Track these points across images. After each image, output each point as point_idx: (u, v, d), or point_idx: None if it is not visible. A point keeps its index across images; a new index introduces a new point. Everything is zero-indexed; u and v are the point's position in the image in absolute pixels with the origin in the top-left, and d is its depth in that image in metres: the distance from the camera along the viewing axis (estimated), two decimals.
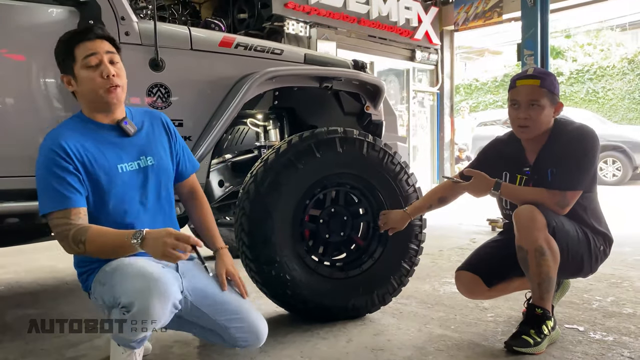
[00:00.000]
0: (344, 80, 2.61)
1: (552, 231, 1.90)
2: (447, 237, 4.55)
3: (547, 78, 2.01)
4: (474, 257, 2.23)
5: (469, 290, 2.21)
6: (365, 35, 8.01)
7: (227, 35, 2.40)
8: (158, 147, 1.78)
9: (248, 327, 1.74)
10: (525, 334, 1.93)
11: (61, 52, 1.66)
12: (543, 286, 1.92)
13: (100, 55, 1.63)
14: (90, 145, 1.62)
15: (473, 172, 2.10)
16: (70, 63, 1.64)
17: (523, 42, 5.57)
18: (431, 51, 9.15)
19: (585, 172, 1.97)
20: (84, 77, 1.63)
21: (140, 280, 1.45)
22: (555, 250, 1.90)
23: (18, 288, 3.09)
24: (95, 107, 1.67)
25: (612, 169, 10.32)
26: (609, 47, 16.40)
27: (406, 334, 2.18)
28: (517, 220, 1.95)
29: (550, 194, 1.96)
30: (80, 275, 1.71)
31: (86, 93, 1.64)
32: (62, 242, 1.53)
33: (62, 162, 1.55)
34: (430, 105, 9.75)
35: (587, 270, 2.08)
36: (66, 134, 1.60)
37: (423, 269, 3.20)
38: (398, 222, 2.31)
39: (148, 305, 1.43)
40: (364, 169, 2.34)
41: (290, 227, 2.23)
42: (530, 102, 2.00)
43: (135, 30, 2.16)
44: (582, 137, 2.00)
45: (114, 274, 1.53)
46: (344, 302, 2.30)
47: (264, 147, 2.70)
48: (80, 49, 1.63)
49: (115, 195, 1.63)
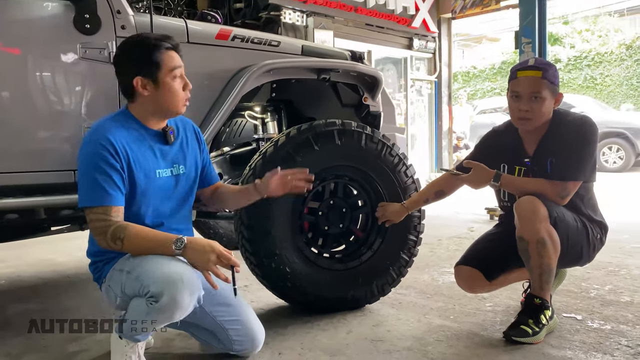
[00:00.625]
0: (342, 72, 2.60)
1: (554, 222, 1.91)
2: (446, 227, 4.57)
3: (548, 69, 2.00)
4: (472, 251, 2.23)
5: (469, 285, 2.21)
6: (362, 23, 7.95)
7: (224, 28, 2.39)
8: (190, 156, 1.82)
9: (245, 331, 1.78)
10: (524, 323, 1.94)
11: (143, 54, 1.64)
12: (544, 277, 1.93)
13: (182, 68, 1.69)
14: (135, 146, 1.65)
15: (472, 164, 2.10)
16: (153, 69, 1.63)
17: (521, 30, 5.55)
18: (429, 39, 9.10)
19: (585, 162, 1.97)
20: (169, 87, 1.65)
21: (172, 271, 1.49)
22: (557, 241, 1.91)
23: (19, 282, 3.10)
24: (159, 114, 1.70)
25: (615, 155, 10.30)
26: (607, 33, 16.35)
27: (406, 324, 2.20)
28: (518, 211, 1.95)
29: (551, 185, 1.97)
30: (93, 264, 1.73)
31: (163, 100, 1.66)
32: (97, 237, 1.57)
33: (110, 158, 1.57)
34: (428, 94, 9.72)
35: (585, 259, 2.10)
36: (115, 131, 1.61)
37: (422, 258, 3.21)
38: (395, 215, 2.32)
39: (179, 296, 1.47)
40: (363, 160, 2.35)
41: (289, 220, 2.23)
42: (532, 94, 1.98)
43: (131, 23, 2.15)
44: (582, 127, 2.00)
45: (142, 263, 1.55)
46: (343, 294, 2.32)
47: (262, 140, 2.69)
48: (168, 57, 1.65)
49: (148, 197, 1.67)
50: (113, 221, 1.55)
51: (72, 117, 2.08)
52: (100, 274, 1.71)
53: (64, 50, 2.04)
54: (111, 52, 2.08)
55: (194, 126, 1.92)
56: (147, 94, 1.66)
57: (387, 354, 1.89)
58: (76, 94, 2.08)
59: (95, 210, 1.56)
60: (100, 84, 2.11)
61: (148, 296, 1.50)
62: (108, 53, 2.08)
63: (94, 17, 2.07)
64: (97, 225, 1.56)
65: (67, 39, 2.03)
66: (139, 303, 1.54)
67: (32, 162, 2.01)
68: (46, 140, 2.05)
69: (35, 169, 2.01)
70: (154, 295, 1.48)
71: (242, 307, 1.83)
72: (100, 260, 1.71)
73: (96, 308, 2.47)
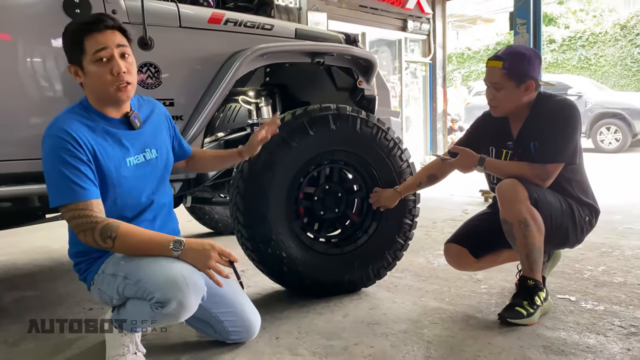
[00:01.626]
0: (336, 56, 2.58)
1: (534, 203, 1.94)
2: (440, 209, 4.58)
3: (510, 59, 2.02)
4: (461, 230, 2.29)
5: (456, 262, 2.27)
6: (356, 5, 7.88)
7: (216, 12, 2.36)
8: (161, 139, 1.76)
9: (241, 321, 1.78)
10: (519, 305, 1.96)
11: (69, 42, 1.57)
12: (531, 257, 1.96)
13: (111, 49, 1.54)
14: (99, 137, 1.56)
15: (458, 149, 2.13)
16: (78, 55, 1.54)
17: (515, 11, 5.52)
18: (423, 21, 9.03)
19: (565, 144, 1.99)
20: (94, 72, 1.54)
21: (176, 274, 1.44)
22: (539, 221, 1.94)
23: (14, 270, 3.10)
24: (104, 102, 1.61)
25: (611, 136, 10.33)
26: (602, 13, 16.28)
27: (401, 307, 2.22)
28: (499, 194, 2.00)
29: (531, 167, 2.00)
30: (77, 264, 1.68)
31: (95, 88, 1.57)
32: (83, 235, 1.48)
33: (75, 151, 1.48)
34: (423, 76, 9.67)
35: (572, 240, 2.12)
36: (74, 124, 1.53)
37: (417, 241, 3.22)
38: (389, 200, 2.33)
39: (186, 301, 1.44)
40: (358, 145, 2.34)
41: (284, 205, 2.23)
42: (492, 84, 2.06)
43: (122, 8, 2.11)
44: (562, 110, 2.02)
45: (139, 268, 1.49)
46: (339, 278, 2.33)
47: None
48: (90, 41, 1.53)
49: (122, 188, 1.59)
50: (99, 217, 1.47)
51: (63, 103, 2.03)
52: (86, 275, 1.65)
53: (54, 36, 2.01)
54: None
55: (160, 105, 1.84)
56: (80, 82, 1.59)
57: (384, 337, 1.91)
58: (67, 80, 2.04)
59: (74, 207, 1.47)
60: None
61: (154, 302, 1.46)
62: None
63: (84, 2, 2.03)
64: (80, 222, 1.47)
65: (57, 24, 2.00)
66: (142, 306, 1.50)
67: (24, 150, 1.99)
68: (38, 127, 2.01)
69: (28, 156, 1.99)
70: (160, 301, 1.44)
71: (237, 297, 1.82)
72: (84, 261, 1.65)
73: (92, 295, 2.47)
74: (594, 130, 10.50)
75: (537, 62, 2.05)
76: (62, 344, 1.93)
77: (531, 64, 2.03)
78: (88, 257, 1.64)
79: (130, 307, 1.56)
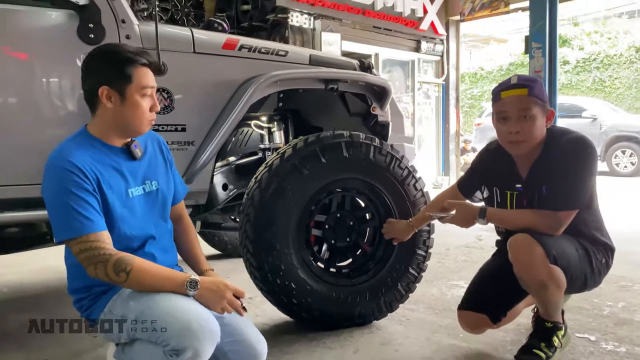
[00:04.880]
0: (350, 82, 2.55)
1: (554, 261, 1.79)
2: (453, 235, 4.48)
3: (534, 85, 1.84)
4: (474, 293, 2.07)
5: (472, 330, 2.06)
6: (370, 26, 7.89)
7: (231, 37, 2.35)
8: (160, 170, 1.70)
9: (246, 350, 1.68)
10: (536, 347, 1.88)
11: (114, 66, 1.52)
12: (551, 308, 1.87)
13: (154, 88, 1.58)
14: (102, 167, 1.51)
15: (454, 204, 2.00)
16: (123, 81, 1.51)
17: (531, 35, 5.47)
18: (437, 42, 9.03)
19: (580, 189, 1.81)
20: (136, 104, 1.52)
21: (191, 320, 1.39)
22: (559, 279, 1.80)
23: (21, 291, 3.07)
24: (120, 131, 1.57)
25: (627, 159, 10.16)
26: (617, 35, 16.19)
27: (414, 343, 2.15)
28: (512, 253, 1.83)
29: (542, 217, 1.83)
30: (78, 301, 1.60)
31: (126, 118, 1.53)
32: (93, 268, 1.41)
33: (81, 182, 1.43)
34: (436, 97, 9.65)
35: (591, 284, 1.98)
36: (76, 154, 1.47)
37: (430, 270, 3.12)
38: (402, 233, 2.27)
39: (202, 349, 1.38)
40: (371, 173, 2.29)
41: (295, 233, 2.19)
42: (521, 114, 1.83)
43: (136, 33, 2.11)
44: (577, 150, 1.82)
45: (150, 311, 1.43)
46: (350, 310, 2.27)
47: (268, 150, 2.65)
48: (140, 73, 1.53)
49: (124, 220, 1.55)
50: (111, 250, 1.42)
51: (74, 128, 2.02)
52: (90, 313, 1.58)
53: (68, 61, 2.00)
54: None
55: (161, 140, 1.78)
56: (110, 107, 1.52)
57: None
58: (80, 106, 2.04)
59: (85, 239, 1.41)
60: None
61: (169, 349, 1.39)
62: None
63: (98, 27, 2.03)
64: (91, 254, 1.40)
65: (71, 49, 2.00)
66: (154, 350, 1.43)
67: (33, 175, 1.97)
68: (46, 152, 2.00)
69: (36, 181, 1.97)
70: (175, 349, 1.39)
71: (241, 325, 1.72)
72: (86, 297, 1.57)
73: None
74: (608, 153, 10.36)
75: None
76: None
77: (545, 92, 1.90)
78: (91, 293, 1.57)
79: (139, 348, 1.48)
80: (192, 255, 1.79)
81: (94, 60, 1.55)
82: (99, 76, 1.52)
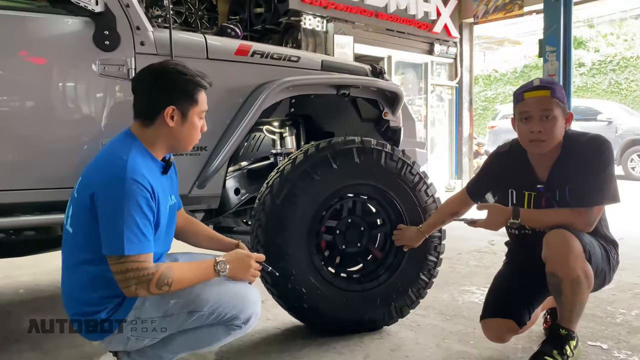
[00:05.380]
0: (362, 88, 2.56)
1: (588, 257, 1.81)
2: (465, 239, 4.48)
3: (556, 88, 1.91)
4: (497, 300, 2.05)
5: (499, 337, 2.03)
6: (383, 29, 7.89)
7: (244, 43, 2.36)
8: (175, 186, 1.78)
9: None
10: (548, 354, 1.87)
11: (188, 88, 1.59)
12: (574, 311, 1.85)
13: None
14: (156, 184, 1.54)
15: (486, 206, 2.01)
16: (188, 103, 1.59)
17: (545, 38, 5.44)
18: (450, 44, 9.00)
19: (608, 184, 1.86)
20: (194, 125, 1.62)
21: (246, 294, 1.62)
22: (591, 277, 1.81)
23: (37, 291, 3.12)
24: (170, 148, 1.64)
25: None
26: (633, 37, 16.00)
27: (424, 349, 2.14)
28: (550, 247, 1.84)
29: (577, 214, 1.87)
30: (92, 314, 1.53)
31: (182, 137, 1.62)
32: (136, 287, 1.43)
33: (151, 201, 1.47)
34: (449, 99, 9.61)
35: (607, 281, 2.02)
36: (144, 169, 1.50)
37: (441, 275, 3.11)
38: (412, 240, 2.27)
39: (259, 311, 1.66)
40: (382, 179, 2.30)
41: (306, 239, 2.20)
42: (543, 114, 1.88)
43: (150, 39, 2.14)
44: (599, 147, 1.89)
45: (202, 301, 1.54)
46: (360, 315, 2.27)
47: (280, 155, 2.67)
48: (203, 97, 1.64)
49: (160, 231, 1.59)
50: (153, 268, 1.45)
51: (90, 134, 2.08)
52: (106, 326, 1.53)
53: (84, 67, 2.04)
54: (130, 68, 2.08)
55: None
56: (171, 125, 1.57)
57: None
58: (95, 111, 2.08)
59: (136, 259, 1.42)
60: (119, 100, 2.10)
61: (239, 323, 1.60)
62: (127, 70, 2.08)
63: (114, 34, 2.07)
64: (137, 274, 1.42)
65: (86, 56, 2.03)
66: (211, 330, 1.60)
67: (49, 180, 2.01)
68: (64, 158, 2.04)
69: (53, 186, 2.01)
70: (244, 319, 1.60)
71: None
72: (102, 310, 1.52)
73: None
74: (624, 157, 10.25)
75: None
76: None
77: (565, 96, 1.95)
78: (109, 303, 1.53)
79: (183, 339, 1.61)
80: (215, 240, 1.92)
81: (164, 79, 1.59)
82: (167, 95, 1.57)
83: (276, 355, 2.09)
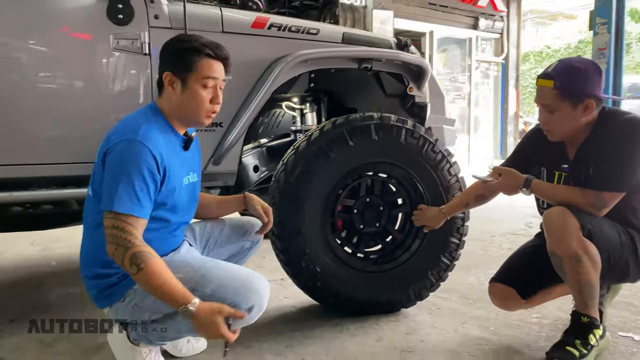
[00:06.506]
0: (385, 61, 2.45)
1: (588, 234, 1.70)
2: (500, 221, 4.32)
3: (563, 77, 1.75)
4: (507, 266, 2.05)
5: (502, 304, 2.04)
6: (425, 2, 7.65)
7: (261, 16, 2.30)
8: (197, 164, 1.77)
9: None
10: (570, 344, 1.76)
11: (180, 54, 1.59)
12: (584, 293, 1.74)
13: (219, 81, 1.62)
14: (169, 154, 1.56)
15: (502, 169, 1.94)
16: (186, 70, 1.58)
17: (596, 9, 5.12)
18: (496, 19, 8.64)
19: (629, 172, 1.73)
20: (195, 93, 1.59)
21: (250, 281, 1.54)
22: (594, 255, 1.70)
23: (69, 263, 3.21)
24: (181, 120, 1.64)
25: None
26: None
27: (441, 334, 2.07)
28: (546, 223, 1.77)
29: (584, 195, 1.75)
30: (104, 277, 1.56)
31: (184, 105, 1.60)
32: (113, 247, 1.43)
33: (154, 170, 1.48)
34: (494, 76, 9.27)
35: (634, 276, 1.85)
36: (157, 139, 1.52)
37: (471, 256, 3.04)
38: (433, 220, 2.18)
39: (264, 303, 1.55)
40: (402, 157, 2.20)
41: (321, 217, 2.14)
42: (543, 107, 1.82)
43: (164, 13, 2.10)
44: (630, 132, 1.74)
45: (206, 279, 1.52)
46: (377, 297, 2.21)
47: (299, 132, 2.61)
48: (205, 63, 1.59)
49: (173, 206, 1.61)
50: (138, 239, 1.43)
51: (104, 108, 2.08)
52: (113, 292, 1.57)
53: (98, 41, 2.03)
54: (144, 42, 2.06)
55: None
56: (171, 93, 1.60)
57: None
58: (109, 85, 2.07)
59: (123, 218, 1.43)
60: (133, 75, 2.09)
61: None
62: (141, 44, 2.06)
63: (127, 7, 2.04)
64: (118, 234, 1.43)
65: (100, 30, 2.02)
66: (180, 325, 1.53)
67: (65, 154, 2.03)
68: (78, 132, 2.05)
69: (69, 160, 2.03)
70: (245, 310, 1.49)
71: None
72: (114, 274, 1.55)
73: None
74: None
75: (597, 76, 1.77)
76: (94, 346, 1.95)
77: (589, 80, 1.75)
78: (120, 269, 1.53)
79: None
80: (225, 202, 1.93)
81: (167, 47, 1.64)
82: (166, 62, 1.61)
83: (289, 334, 2.06)
